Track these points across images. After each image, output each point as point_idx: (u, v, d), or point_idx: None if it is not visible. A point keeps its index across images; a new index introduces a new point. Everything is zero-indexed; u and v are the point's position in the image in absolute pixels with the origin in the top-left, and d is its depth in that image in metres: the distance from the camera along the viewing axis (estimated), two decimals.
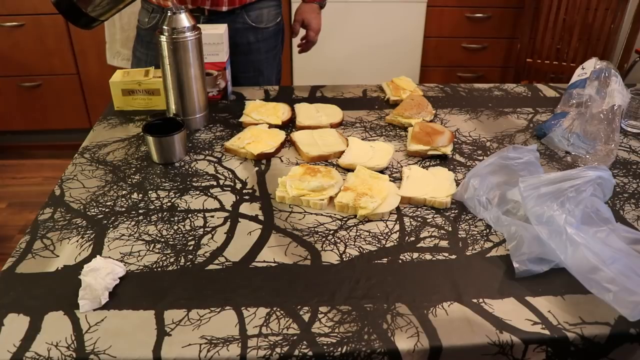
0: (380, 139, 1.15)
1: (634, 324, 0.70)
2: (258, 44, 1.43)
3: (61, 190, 0.97)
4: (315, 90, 1.39)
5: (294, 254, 0.82)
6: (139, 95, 1.24)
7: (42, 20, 2.43)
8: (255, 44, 1.42)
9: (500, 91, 1.40)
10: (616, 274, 0.72)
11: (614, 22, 2.28)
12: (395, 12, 2.53)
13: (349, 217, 0.91)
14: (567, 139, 1.10)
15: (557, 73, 2.42)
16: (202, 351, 0.65)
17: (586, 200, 0.81)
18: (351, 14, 2.53)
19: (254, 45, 1.42)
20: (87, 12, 1.00)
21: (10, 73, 2.54)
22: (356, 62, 2.64)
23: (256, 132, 1.12)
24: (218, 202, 0.94)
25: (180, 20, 1.08)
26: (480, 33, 2.63)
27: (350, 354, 0.66)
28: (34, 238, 0.85)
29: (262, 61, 1.47)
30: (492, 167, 0.93)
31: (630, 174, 1.04)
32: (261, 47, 1.44)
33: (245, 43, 1.41)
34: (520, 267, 0.78)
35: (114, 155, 1.08)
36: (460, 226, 0.89)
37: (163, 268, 0.79)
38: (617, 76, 1.15)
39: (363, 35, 2.58)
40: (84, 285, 0.72)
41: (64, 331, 0.68)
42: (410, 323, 0.70)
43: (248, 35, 1.41)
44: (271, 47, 1.48)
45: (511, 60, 2.66)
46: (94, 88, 2.61)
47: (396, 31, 2.58)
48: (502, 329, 0.69)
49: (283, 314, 0.71)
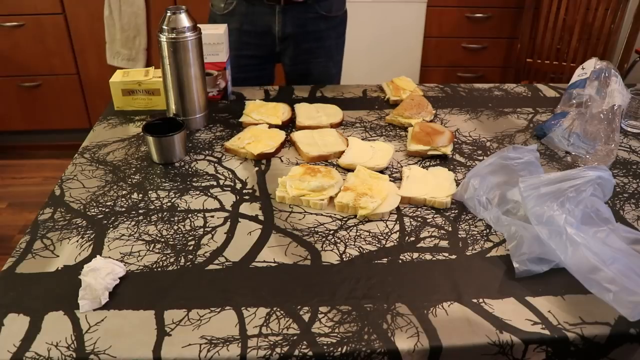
0: (380, 139, 1.15)
1: (634, 324, 0.70)
2: (329, 31, 1.51)
3: (61, 190, 0.97)
4: (315, 90, 1.39)
5: (294, 254, 0.82)
6: (139, 95, 1.24)
7: (42, 20, 2.43)
8: (326, 31, 1.51)
9: (500, 91, 1.40)
10: (616, 274, 0.72)
11: (614, 22, 2.28)
12: (395, 12, 2.53)
13: (349, 217, 0.91)
14: (567, 139, 1.10)
15: (557, 73, 2.42)
16: (202, 351, 0.65)
17: (586, 200, 0.81)
18: (351, 14, 2.51)
19: (325, 33, 1.51)
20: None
21: (10, 73, 2.54)
22: (356, 62, 2.64)
23: (256, 132, 1.12)
24: (218, 202, 0.94)
25: (180, 20, 1.08)
26: (480, 33, 2.63)
27: (350, 354, 0.66)
28: (34, 238, 0.85)
29: (333, 47, 1.56)
30: (492, 167, 0.93)
31: (630, 174, 1.04)
32: (332, 34, 1.53)
33: (317, 31, 1.48)
34: (520, 267, 0.78)
35: (114, 155, 1.08)
36: (460, 226, 0.89)
37: (163, 268, 0.79)
38: (617, 76, 1.15)
39: (363, 36, 2.58)
40: (84, 285, 0.72)
41: (64, 331, 0.68)
42: (410, 323, 0.70)
43: (319, 24, 1.48)
44: (340, 33, 1.58)
45: (511, 60, 2.66)
46: (94, 88, 2.61)
47: (396, 31, 2.58)
48: (502, 329, 0.69)
49: (283, 314, 0.71)
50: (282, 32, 1.45)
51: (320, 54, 1.53)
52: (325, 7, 1.47)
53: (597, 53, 2.33)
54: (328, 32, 1.51)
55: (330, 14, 1.49)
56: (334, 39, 1.55)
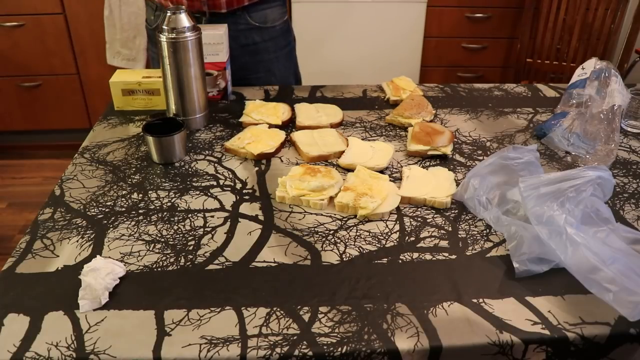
0: (380, 139, 1.15)
1: (634, 324, 0.70)
2: (265, 43, 1.40)
3: (61, 190, 0.97)
4: (315, 90, 1.39)
5: (294, 254, 0.82)
6: (139, 95, 1.24)
7: (42, 20, 2.43)
8: (262, 43, 1.39)
9: (500, 91, 1.40)
10: (616, 274, 0.72)
11: (614, 22, 2.28)
12: (395, 12, 2.53)
13: (349, 217, 0.91)
14: (567, 139, 1.10)
15: (557, 73, 2.42)
16: (202, 351, 0.65)
17: (586, 200, 0.81)
18: (351, 14, 2.53)
19: (261, 45, 1.39)
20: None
21: (10, 73, 2.54)
22: (356, 62, 2.64)
23: (256, 132, 1.12)
24: (218, 202, 0.94)
25: (180, 20, 1.08)
26: (480, 33, 2.63)
27: (350, 354, 0.66)
28: (34, 238, 0.85)
29: (272, 60, 1.43)
30: (492, 167, 0.93)
31: (630, 174, 1.04)
32: (269, 46, 1.41)
33: (252, 43, 1.39)
34: (520, 267, 0.78)
35: (114, 155, 1.08)
36: (460, 226, 0.89)
37: (163, 268, 0.79)
38: (617, 76, 1.15)
39: (363, 36, 2.58)
40: (84, 285, 0.72)
41: (64, 331, 0.68)
42: (410, 323, 0.70)
43: (253, 36, 1.38)
44: (281, 45, 1.44)
45: (511, 60, 2.66)
46: (94, 88, 2.61)
47: (396, 31, 2.58)
48: (502, 329, 0.69)
49: (283, 314, 0.71)
50: None
51: (258, 69, 1.42)
52: (258, 17, 1.36)
53: (597, 53, 2.33)
54: (264, 44, 1.39)
55: (265, 25, 1.38)
56: (272, 52, 1.42)
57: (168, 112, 1.18)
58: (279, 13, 1.42)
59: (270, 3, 1.39)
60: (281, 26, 1.43)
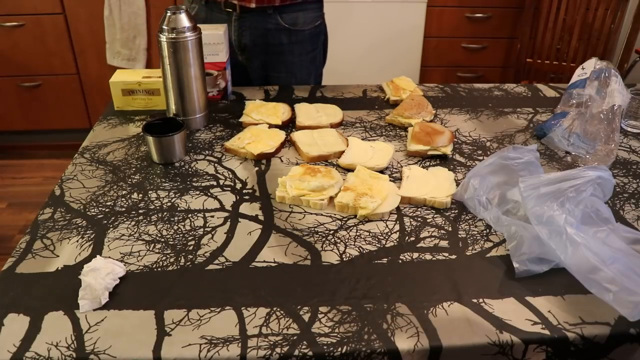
0: (380, 139, 1.15)
1: (634, 324, 0.70)
2: (291, 45, 1.40)
3: (61, 190, 0.97)
4: (315, 90, 1.39)
5: (294, 254, 0.82)
6: (139, 95, 1.24)
7: (42, 20, 2.43)
8: (288, 45, 1.39)
9: (500, 91, 1.40)
10: (616, 274, 0.72)
11: (614, 22, 2.28)
12: (395, 12, 2.53)
13: (349, 217, 0.91)
14: (567, 139, 1.10)
15: (557, 73, 2.42)
16: (202, 351, 0.65)
17: (586, 200, 0.81)
18: (351, 14, 2.53)
19: (286, 47, 1.40)
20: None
21: (10, 73, 2.54)
22: (356, 62, 2.64)
23: (256, 132, 1.12)
24: (218, 202, 0.94)
25: (180, 20, 1.08)
26: (480, 33, 2.63)
27: (350, 354, 0.66)
28: (34, 238, 0.85)
29: (296, 63, 1.43)
30: (492, 167, 0.93)
31: (630, 174, 1.04)
32: (295, 49, 1.41)
33: (278, 44, 1.39)
34: (520, 267, 0.78)
35: (114, 155, 1.08)
36: (460, 226, 0.89)
37: (163, 268, 0.79)
38: (617, 76, 1.15)
39: (363, 36, 2.58)
40: (84, 285, 0.72)
41: (64, 331, 0.68)
42: (410, 323, 0.70)
43: (281, 37, 1.38)
44: (307, 50, 1.44)
45: (511, 60, 2.66)
46: (94, 88, 2.61)
47: (396, 31, 2.58)
48: (502, 329, 0.69)
49: (283, 314, 0.71)
50: (239, 42, 1.38)
51: (280, 69, 1.43)
52: (289, 19, 1.36)
53: (597, 53, 2.33)
54: (290, 46, 1.40)
55: (294, 28, 1.38)
56: (297, 55, 1.42)
57: (168, 112, 1.18)
58: (312, 17, 1.41)
59: (304, 5, 1.38)
60: (311, 30, 1.42)
